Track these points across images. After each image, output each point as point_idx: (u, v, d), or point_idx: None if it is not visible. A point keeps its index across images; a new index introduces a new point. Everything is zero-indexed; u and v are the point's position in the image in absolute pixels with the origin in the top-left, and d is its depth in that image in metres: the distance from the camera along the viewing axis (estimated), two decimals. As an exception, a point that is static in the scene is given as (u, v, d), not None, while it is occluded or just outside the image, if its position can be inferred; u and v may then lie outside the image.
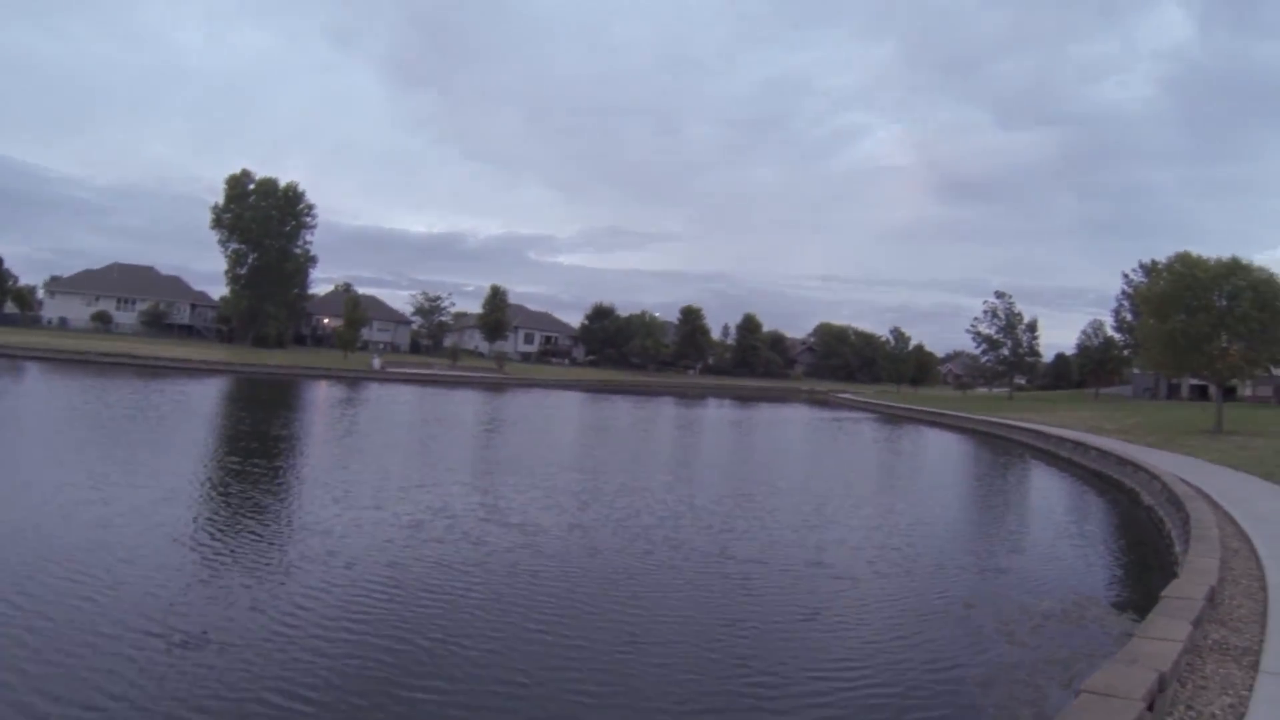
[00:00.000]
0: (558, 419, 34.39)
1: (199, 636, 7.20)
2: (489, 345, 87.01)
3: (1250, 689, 5.47)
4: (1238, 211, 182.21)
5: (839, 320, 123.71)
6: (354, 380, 52.87)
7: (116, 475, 14.67)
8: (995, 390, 72.57)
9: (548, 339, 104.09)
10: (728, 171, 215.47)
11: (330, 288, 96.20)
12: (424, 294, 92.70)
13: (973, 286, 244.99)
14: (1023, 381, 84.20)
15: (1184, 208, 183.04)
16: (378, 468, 17.91)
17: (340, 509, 12.98)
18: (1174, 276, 27.46)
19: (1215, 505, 13.00)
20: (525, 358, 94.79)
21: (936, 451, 30.88)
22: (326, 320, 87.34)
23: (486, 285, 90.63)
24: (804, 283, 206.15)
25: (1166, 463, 19.13)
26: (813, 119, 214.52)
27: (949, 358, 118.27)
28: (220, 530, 11.23)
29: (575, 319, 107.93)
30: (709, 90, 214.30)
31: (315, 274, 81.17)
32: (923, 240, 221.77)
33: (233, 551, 10.18)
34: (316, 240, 78.00)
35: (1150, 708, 5.19)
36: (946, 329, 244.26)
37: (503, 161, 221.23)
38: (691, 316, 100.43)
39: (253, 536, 11.04)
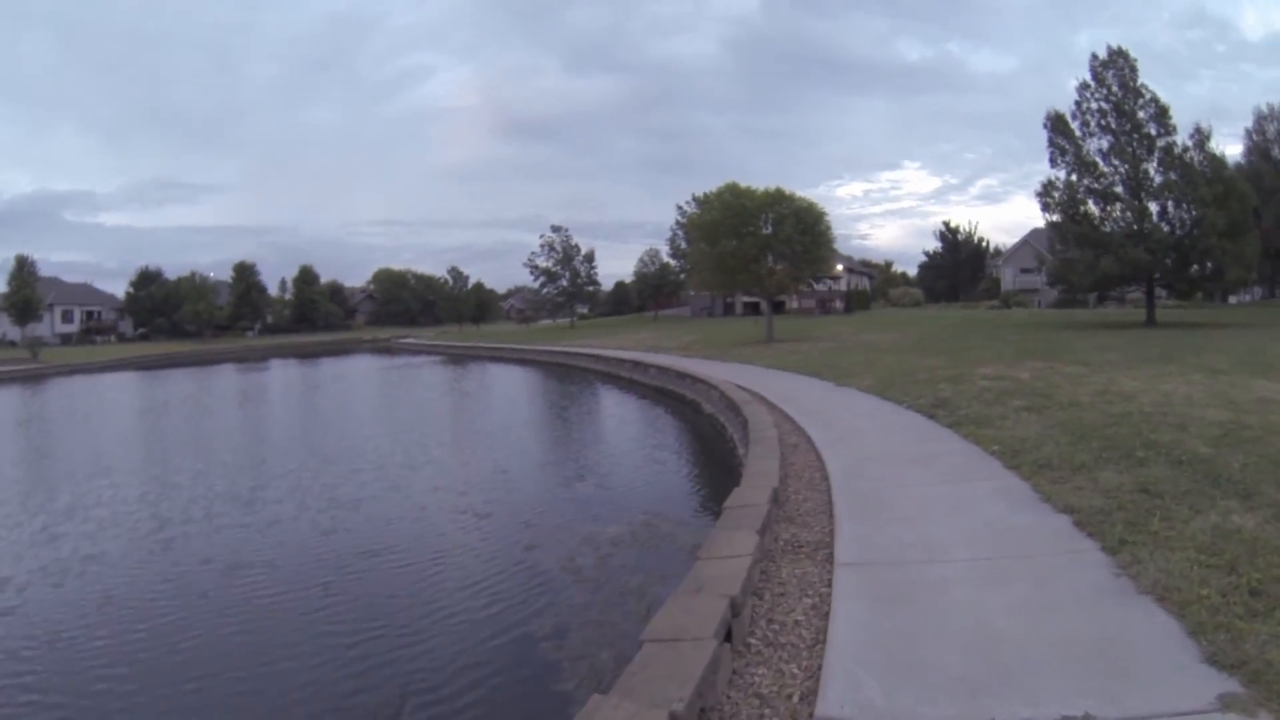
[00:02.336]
0: (98, 412, 27.45)
1: None
2: (21, 330, 68.12)
3: (829, 584, 5.14)
4: (781, 155, 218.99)
5: (400, 265, 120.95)
6: None
7: None
8: (559, 321, 75.06)
9: (90, 315, 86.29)
10: (287, 114, 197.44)
11: None
12: (-82, 275, 68.52)
13: (535, 223, 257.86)
14: (585, 310, 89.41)
15: (735, 150, 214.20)
16: None
17: None
18: (723, 204, 29.96)
19: (771, 406, 13.73)
20: (66, 339, 77.89)
21: (501, 388, 30.40)
22: None
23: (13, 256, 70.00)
24: (365, 229, 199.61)
25: (723, 372, 20.51)
26: (378, 58, 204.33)
27: (511, 293, 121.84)
28: None
29: (121, 289, 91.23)
30: (269, 23, 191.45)
31: None
32: (486, 180, 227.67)
33: None
34: None
35: (728, 637, 4.34)
36: (509, 266, 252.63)
37: (31, 100, 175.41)
38: (245, 273, 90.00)
39: None
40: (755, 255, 29.90)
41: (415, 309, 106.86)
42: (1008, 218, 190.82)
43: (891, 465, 8.45)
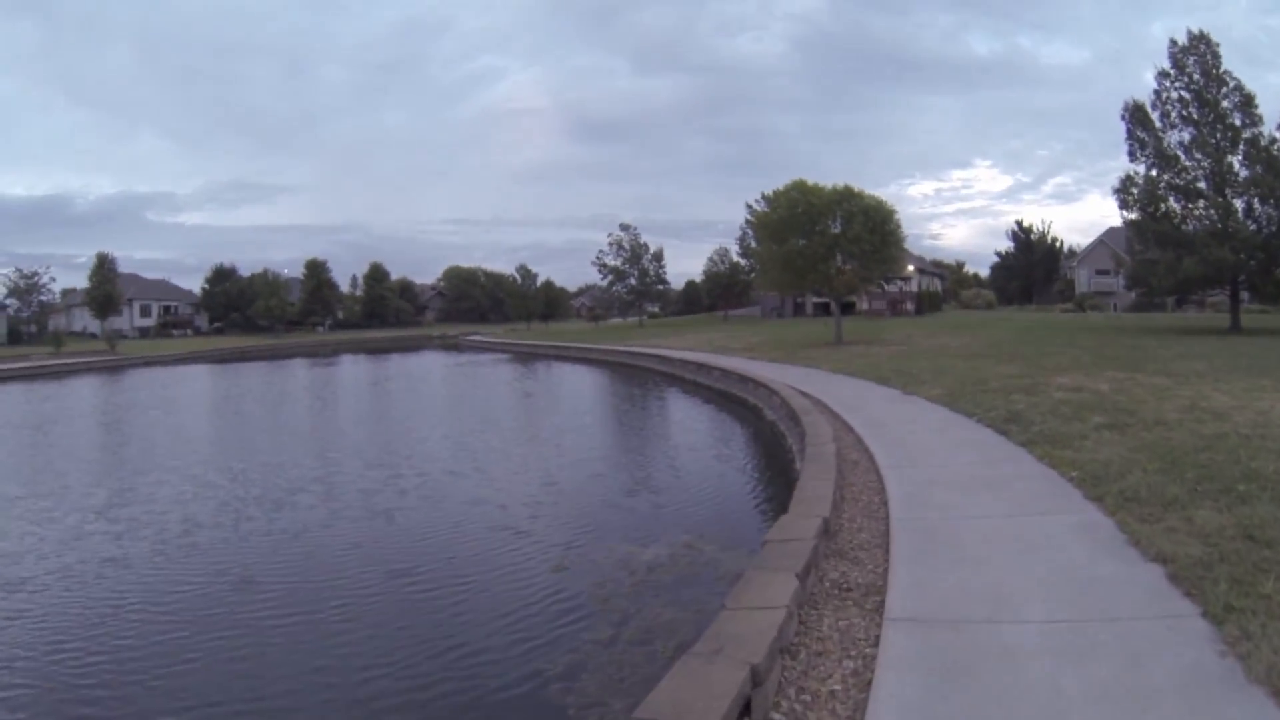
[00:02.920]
0: (180, 400, 28.37)
1: None
2: (101, 323, 71.69)
3: (876, 643, 4.40)
4: (852, 154, 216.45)
5: (471, 263, 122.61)
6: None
7: None
8: (628, 320, 74.49)
9: (167, 309, 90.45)
10: (359, 117, 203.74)
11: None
12: (18, 270, 72.44)
13: (606, 222, 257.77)
14: (655, 309, 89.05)
15: (805, 150, 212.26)
16: None
17: None
18: (790, 202, 29.01)
19: (833, 415, 12.96)
20: (144, 333, 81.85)
21: (562, 389, 29.96)
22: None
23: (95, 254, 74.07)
24: (436, 227, 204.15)
25: (789, 375, 19.70)
26: (448, 61, 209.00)
27: (581, 291, 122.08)
28: None
29: (199, 285, 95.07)
30: (341, 30, 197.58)
31: None
32: (556, 181, 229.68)
33: None
34: None
35: (745, 711, 3.68)
36: (580, 264, 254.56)
37: (114, 108, 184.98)
38: (317, 270, 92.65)
39: None
40: (823, 254, 28.85)
41: (485, 306, 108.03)
42: (1082, 217, 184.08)
43: (959, 490, 7.61)
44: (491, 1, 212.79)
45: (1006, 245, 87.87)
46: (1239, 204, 29.24)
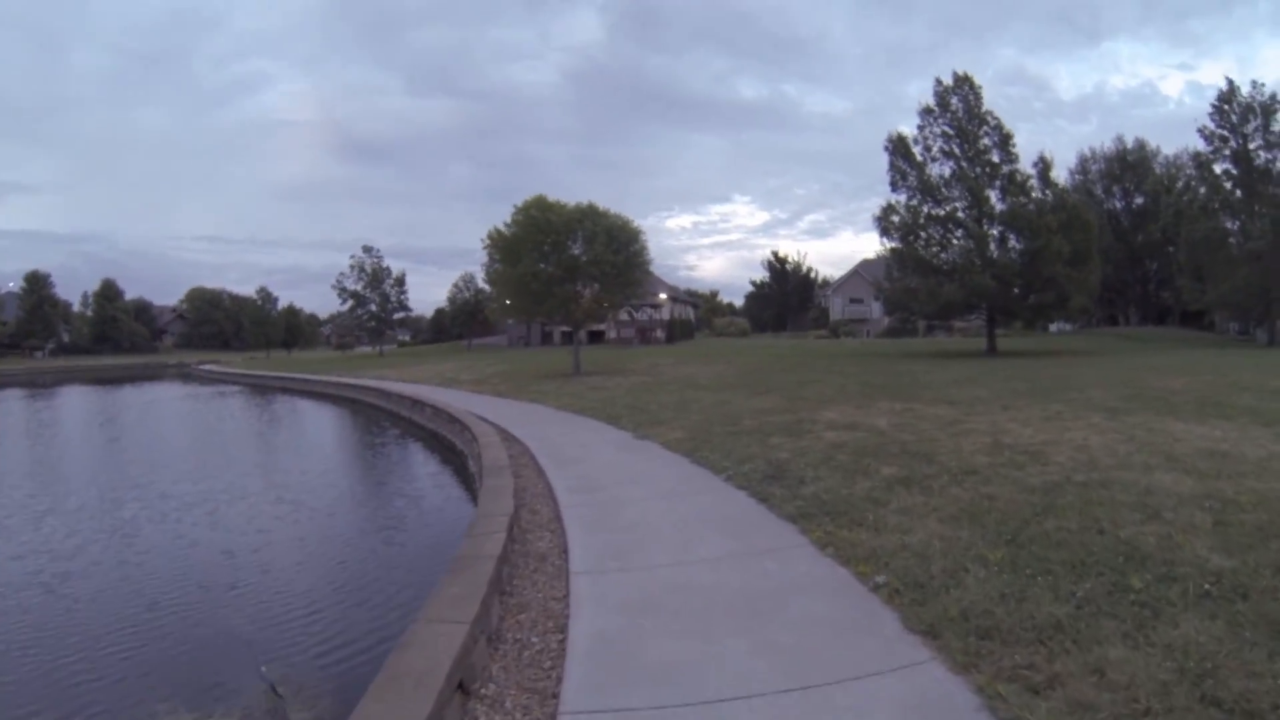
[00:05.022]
0: None
1: None
2: None
3: None
4: (615, 186, 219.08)
5: (224, 284, 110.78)
6: None
7: None
8: (379, 348, 68.47)
9: None
10: (113, 110, 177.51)
11: None
12: None
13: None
14: (407, 337, 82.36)
15: (568, 180, 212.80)
16: None
17: None
18: (528, 219, 25.35)
19: (539, 470, 9.25)
20: None
21: (272, 430, 23.82)
22: None
23: None
24: (189, 244, 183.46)
25: (505, 414, 15.76)
26: (216, 60, 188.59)
27: (334, 318, 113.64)
28: None
29: None
30: (103, 9, 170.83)
31: None
32: (318, 199, 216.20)
33: None
34: None
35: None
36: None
37: None
38: (37, 284, 79.55)
39: None
40: (560, 278, 25.55)
41: (228, 331, 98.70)
42: (835, 251, 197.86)
43: (696, 623, 4.24)
44: (269, 3, 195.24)
45: (761, 275, 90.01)
46: (994, 233, 30.02)
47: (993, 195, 30.13)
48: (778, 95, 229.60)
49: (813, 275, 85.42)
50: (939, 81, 30.93)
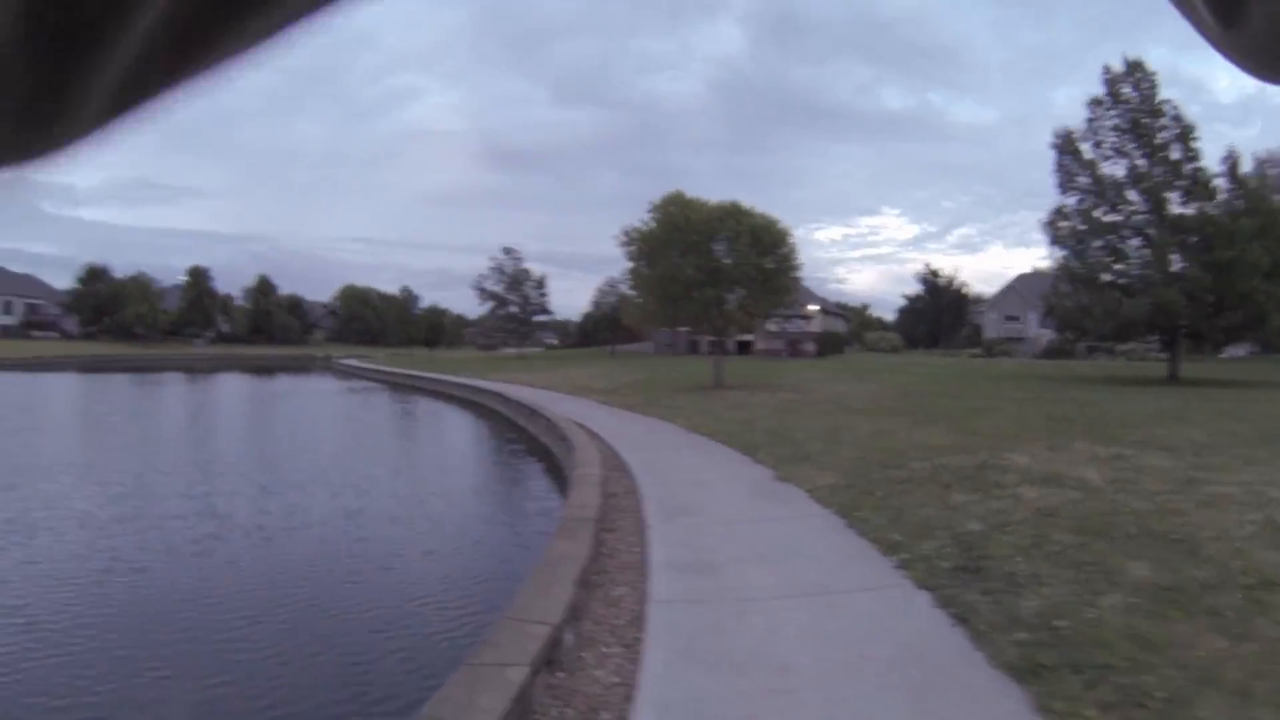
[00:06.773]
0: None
1: None
2: None
3: None
4: (761, 196, 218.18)
5: (378, 284, 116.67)
6: None
7: None
8: (523, 351, 67.55)
9: (33, 308, 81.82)
10: (273, 124, 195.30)
11: None
12: None
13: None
14: (554, 341, 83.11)
15: (716, 190, 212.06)
16: None
17: None
18: (666, 216, 23.77)
19: (639, 522, 7.16)
20: (5, 332, 73.71)
21: (389, 431, 23.57)
22: None
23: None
24: (345, 245, 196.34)
25: (628, 432, 14.03)
26: (368, 76, 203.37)
27: (480, 320, 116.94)
28: None
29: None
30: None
31: None
32: (467, 205, 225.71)
33: None
34: None
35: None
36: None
37: None
38: (198, 278, 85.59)
39: None
40: (702, 280, 23.60)
41: (376, 328, 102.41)
42: (984, 267, 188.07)
43: None
44: (418, 21, 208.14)
45: (914, 290, 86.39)
46: (1176, 243, 25.63)
47: (1173, 198, 25.84)
48: (923, 104, 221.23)
49: (965, 291, 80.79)
50: (1107, 69, 26.78)
